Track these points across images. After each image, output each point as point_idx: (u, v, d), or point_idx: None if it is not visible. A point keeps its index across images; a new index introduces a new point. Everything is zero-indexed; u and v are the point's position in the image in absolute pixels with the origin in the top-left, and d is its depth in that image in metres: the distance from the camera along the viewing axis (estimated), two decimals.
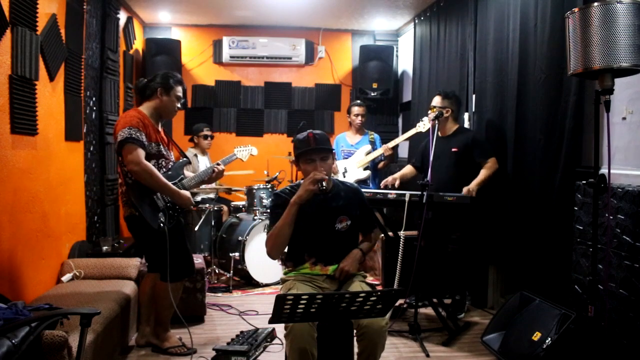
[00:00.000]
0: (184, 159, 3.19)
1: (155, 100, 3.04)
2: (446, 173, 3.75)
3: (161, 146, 3.02)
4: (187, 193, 3.03)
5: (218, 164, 3.23)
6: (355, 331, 2.23)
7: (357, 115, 4.94)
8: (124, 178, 2.95)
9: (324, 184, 2.34)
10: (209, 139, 5.40)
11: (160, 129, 3.11)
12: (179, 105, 3.12)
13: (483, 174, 3.61)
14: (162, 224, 2.90)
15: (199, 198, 5.14)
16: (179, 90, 3.10)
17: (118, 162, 3.00)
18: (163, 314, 3.14)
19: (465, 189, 3.50)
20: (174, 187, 2.96)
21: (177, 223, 3.08)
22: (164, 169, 3.01)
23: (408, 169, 4.09)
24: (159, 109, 3.07)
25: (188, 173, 3.24)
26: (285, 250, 2.58)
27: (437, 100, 3.81)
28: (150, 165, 2.86)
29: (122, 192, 3.03)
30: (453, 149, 3.77)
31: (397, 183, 3.86)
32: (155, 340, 3.15)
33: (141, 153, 2.83)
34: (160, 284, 3.07)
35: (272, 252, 2.44)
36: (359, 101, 5.18)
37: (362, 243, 2.60)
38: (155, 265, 3.11)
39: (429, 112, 3.78)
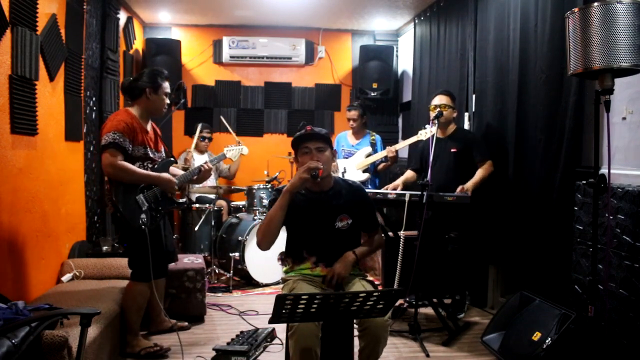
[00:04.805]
0: (170, 158, 3.18)
1: (144, 100, 3.04)
2: (445, 173, 3.75)
3: (148, 148, 3.02)
4: (167, 175, 3.03)
5: (206, 163, 3.25)
6: (356, 327, 2.23)
7: (348, 119, 4.92)
8: (108, 177, 2.97)
9: (317, 172, 2.29)
10: (206, 140, 5.41)
11: (149, 128, 3.10)
12: (168, 101, 3.13)
13: (479, 174, 3.62)
14: (143, 225, 2.87)
15: (196, 197, 5.15)
16: (167, 87, 3.10)
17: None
18: (131, 318, 3.04)
19: (460, 188, 3.50)
20: (151, 172, 2.98)
21: (157, 224, 3.04)
22: (149, 169, 3.01)
23: (409, 174, 4.07)
24: (148, 109, 3.07)
25: (178, 171, 3.23)
26: (284, 248, 2.58)
27: (444, 99, 3.77)
28: (123, 162, 2.86)
29: (107, 189, 3.04)
30: (452, 150, 3.77)
31: (399, 188, 3.86)
32: (129, 349, 3.06)
33: (119, 158, 2.85)
34: (130, 283, 3.06)
35: (263, 241, 2.39)
36: (355, 103, 5.14)
37: (361, 246, 2.54)
38: (131, 264, 3.07)
39: (430, 112, 3.77)
